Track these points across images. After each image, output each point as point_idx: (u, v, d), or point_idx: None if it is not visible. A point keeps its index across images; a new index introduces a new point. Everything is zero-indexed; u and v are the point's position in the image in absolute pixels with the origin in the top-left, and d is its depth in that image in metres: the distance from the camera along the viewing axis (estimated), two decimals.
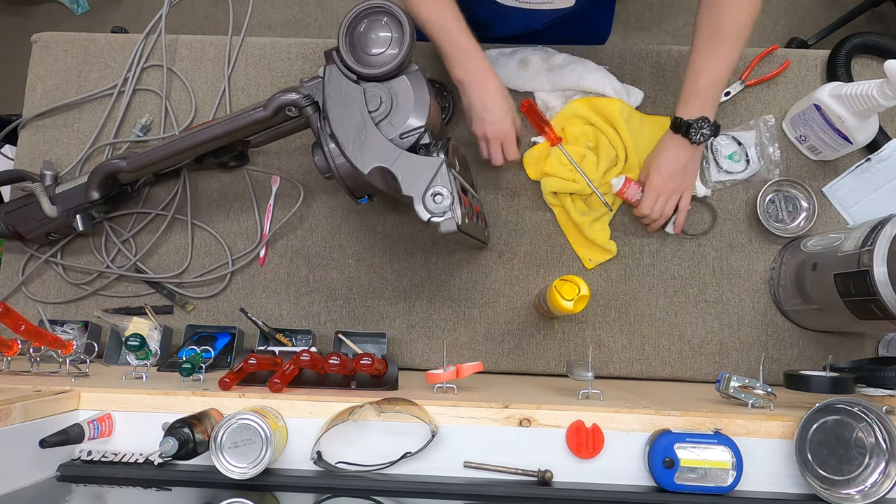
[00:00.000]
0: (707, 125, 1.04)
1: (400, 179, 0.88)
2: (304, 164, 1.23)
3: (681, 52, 1.24)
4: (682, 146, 1.07)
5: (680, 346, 1.17)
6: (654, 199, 1.11)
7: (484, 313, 1.19)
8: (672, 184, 1.10)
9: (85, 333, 1.15)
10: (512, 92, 1.22)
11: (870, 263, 0.89)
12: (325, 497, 0.77)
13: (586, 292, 1.00)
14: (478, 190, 1.20)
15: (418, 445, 0.79)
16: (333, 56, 0.95)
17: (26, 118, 1.26)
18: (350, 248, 1.21)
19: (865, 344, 1.16)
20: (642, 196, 1.13)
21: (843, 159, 1.18)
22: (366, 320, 1.19)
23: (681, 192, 1.12)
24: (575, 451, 0.79)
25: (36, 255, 1.21)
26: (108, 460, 0.79)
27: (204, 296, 1.20)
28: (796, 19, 2.30)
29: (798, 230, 1.16)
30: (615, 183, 1.14)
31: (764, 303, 1.17)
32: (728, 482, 0.76)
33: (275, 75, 1.27)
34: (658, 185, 1.10)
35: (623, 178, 1.13)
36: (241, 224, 1.22)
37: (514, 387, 1.01)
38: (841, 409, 0.79)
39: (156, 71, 1.28)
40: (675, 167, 1.09)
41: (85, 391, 0.84)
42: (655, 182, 1.10)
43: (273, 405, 0.82)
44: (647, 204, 1.12)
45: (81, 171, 1.24)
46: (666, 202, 1.12)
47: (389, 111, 0.93)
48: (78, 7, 2.42)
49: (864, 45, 1.22)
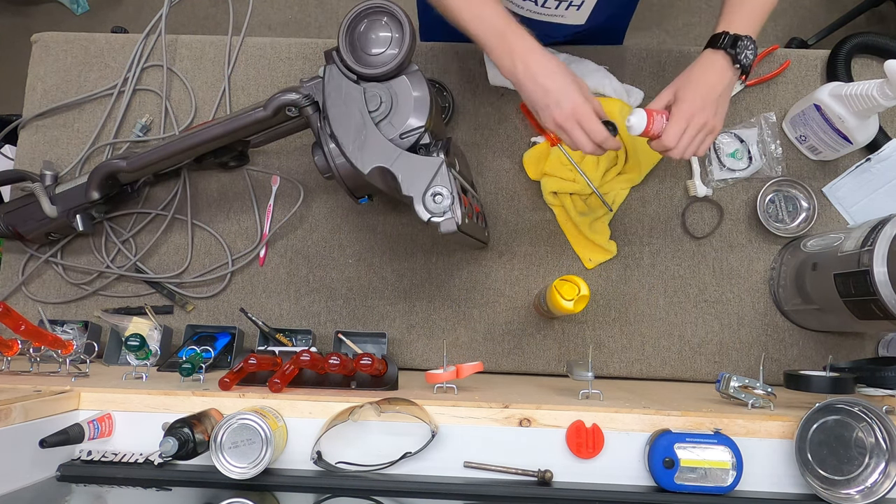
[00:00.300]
0: (752, 47, 0.91)
1: (400, 179, 0.88)
2: (304, 164, 1.23)
3: (681, 52, 1.24)
4: (722, 68, 0.92)
5: (680, 346, 1.17)
6: (682, 129, 0.93)
7: (484, 313, 1.19)
8: (703, 115, 0.93)
9: (85, 333, 1.15)
10: (512, 91, 1.23)
11: (870, 263, 0.89)
12: (325, 497, 0.77)
13: (586, 292, 1.00)
14: (478, 190, 1.20)
15: (418, 445, 0.79)
16: (333, 56, 0.95)
17: (26, 118, 1.26)
18: (350, 248, 1.21)
19: (865, 344, 1.16)
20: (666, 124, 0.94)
21: (843, 159, 1.18)
22: (366, 320, 1.19)
23: (709, 131, 0.95)
24: (575, 451, 0.79)
25: (36, 255, 1.21)
26: (108, 460, 0.79)
27: (204, 296, 1.20)
28: (796, 19, 2.30)
29: (798, 230, 1.16)
30: (635, 122, 0.94)
31: (764, 303, 1.17)
32: (728, 482, 0.76)
33: (275, 75, 1.27)
34: (688, 113, 0.92)
35: (643, 113, 0.94)
36: (241, 224, 1.22)
37: (514, 387, 1.01)
38: (841, 409, 0.79)
39: (156, 71, 1.28)
40: (710, 94, 0.93)
41: (85, 391, 0.84)
42: (686, 109, 0.92)
43: (273, 405, 0.82)
44: (672, 134, 0.93)
45: (81, 171, 1.24)
46: (693, 137, 0.94)
47: (389, 111, 0.93)
48: (78, 7, 2.42)
49: (864, 45, 1.22)
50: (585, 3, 1.07)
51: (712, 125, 0.94)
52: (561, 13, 1.09)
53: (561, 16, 1.10)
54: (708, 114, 0.93)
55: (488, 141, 1.23)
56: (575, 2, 1.06)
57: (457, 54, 1.25)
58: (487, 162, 1.22)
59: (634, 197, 1.20)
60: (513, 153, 1.22)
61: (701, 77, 0.94)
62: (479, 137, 1.23)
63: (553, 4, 1.07)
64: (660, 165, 1.20)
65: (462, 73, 1.24)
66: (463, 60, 1.25)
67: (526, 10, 1.09)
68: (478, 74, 1.23)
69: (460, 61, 1.25)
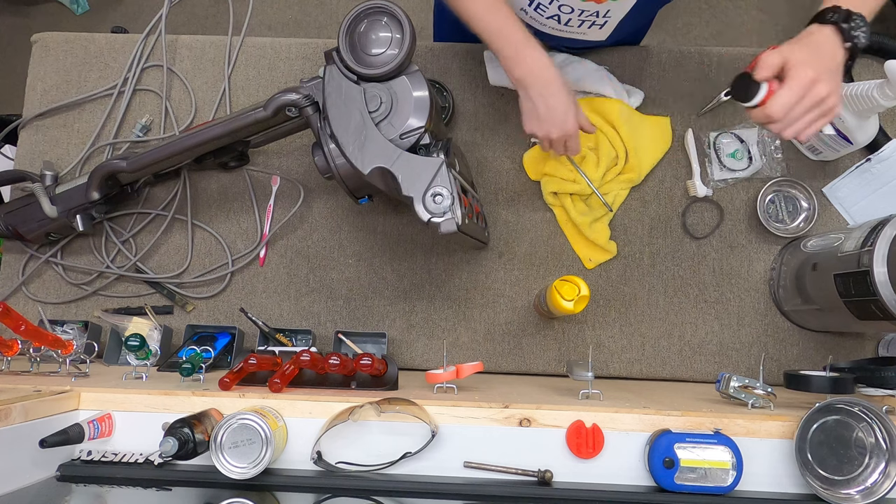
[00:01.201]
0: (865, 28, 0.79)
1: (400, 180, 0.88)
2: (304, 164, 1.23)
3: (681, 52, 1.24)
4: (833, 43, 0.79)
5: (680, 346, 1.17)
6: (797, 98, 0.79)
7: (484, 313, 1.19)
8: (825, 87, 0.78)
9: (85, 333, 1.15)
10: (512, 91, 1.22)
11: (870, 264, 0.89)
12: (325, 497, 0.77)
13: (586, 292, 1.00)
14: (478, 190, 1.20)
15: (418, 445, 0.79)
16: (333, 56, 0.94)
17: (26, 118, 1.26)
18: (350, 248, 1.21)
19: (865, 344, 1.16)
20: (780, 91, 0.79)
21: (843, 159, 1.18)
22: (366, 320, 1.19)
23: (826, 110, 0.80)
24: (575, 451, 0.79)
25: (36, 255, 1.21)
26: (108, 460, 0.79)
27: (204, 296, 1.20)
28: (796, 19, 2.30)
29: (798, 230, 1.16)
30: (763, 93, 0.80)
31: (764, 303, 1.17)
32: (728, 482, 0.76)
33: (275, 75, 1.27)
34: (807, 80, 0.78)
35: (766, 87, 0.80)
36: (241, 224, 1.22)
37: (514, 387, 1.01)
38: (841, 409, 0.79)
39: (156, 71, 1.28)
40: (831, 64, 0.79)
41: (85, 391, 0.84)
42: (805, 76, 0.78)
43: (273, 405, 0.82)
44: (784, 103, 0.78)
45: (81, 171, 1.24)
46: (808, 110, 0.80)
47: (389, 111, 0.93)
48: (78, 7, 2.42)
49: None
50: (608, 22, 1.06)
51: (832, 103, 0.79)
52: (583, 31, 1.08)
53: (583, 33, 1.09)
54: (831, 86, 0.78)
55: (488, 141, 1.23)
56: (598, 22, 1.05)
57: (457, 54, 1.25)
58: (487, 162, 1.22)
59: (634, 197, 1.20)
60: (513, 153, 1.22)
61: (817, 47, 0.79)
62: (479, 137, 1.23)
63: (576, 24, 1.06)
64: (660, 165, 1.20)
65: (462, 73, 1.24)
66: (463, 60, 1.25)
67: (549, 27, 1.08)
68: (478, 74, 1.23)
69: (460, 61, 1.25)
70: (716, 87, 1.22)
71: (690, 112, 1.22)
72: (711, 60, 1.23)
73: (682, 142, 1.21)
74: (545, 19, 1.07)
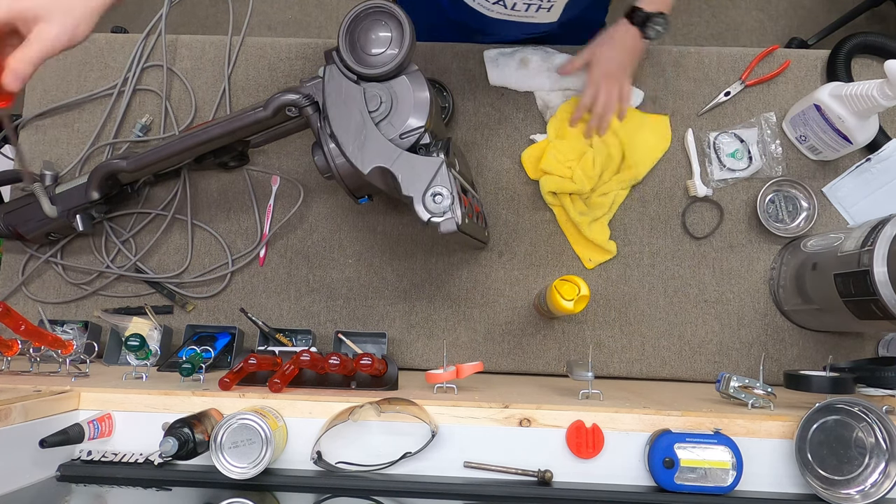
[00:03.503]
0: (663, 22, 1.04)
1: (400, 179, 0.88)
2: (304, 164, 1.23)
3: (681, 52, 1.23)
4: (633, 38, 1.07)
5: (680, 346, 1.17)
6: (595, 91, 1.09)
7: (484, 313, 1.19)
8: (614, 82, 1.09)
9: (85, 333, 1.15)
10: (512, 91, 1.23)
11: (870, 263, 0.89)
12: (325, 497, 0.77)
13: (586, 292, 1.00)
14: (478, 190, 1.20)
15: (418, 445, 0.79)
16: (333, 56, 0.94)
17: (26, 118, 1.26)
18: (350, 248, 1.21)
19: (865, 344, 1.16)
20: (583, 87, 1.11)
21: (843, 159, 1.18)
22: (366, 320, 1.19)
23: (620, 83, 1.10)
24: (575, 451, 0.79)
25: (36, 255, 1.21)
26: (108, 460, 0.79)
27: (204, 296, 1.20)
28: (796, 19, 2.30)
29: (798, 230, 1.16)
30: None
31: (764, 303, 1.17)
32: (728, 482, 0.76)
33: (275, 75, 1.27)
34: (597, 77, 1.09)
35: None
36: (241, 224, 1.22)
37: (514, 387, 1.01)
38: (841, 409, 0.79)
39: (156, 71, 1.28)
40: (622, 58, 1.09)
41: (85, 391, 0.84)
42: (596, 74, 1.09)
43: (273, 405, 0.82)
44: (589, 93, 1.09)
45: (81, 171, 1.24)
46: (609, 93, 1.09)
47: (389, 111, 0.93)
48: None
49: (864, 45, 1.22)
50: (555, 5, 1.07)
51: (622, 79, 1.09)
52: (531, 14, 1.09)
53: (531, 17, 1.10)
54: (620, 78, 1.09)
55: (488, 141, 1.23)
56: (544, 5, 1.07)
57: (457, 54, 1.25)
58: (487, 162, 1.22)
59: (634, 197, 1.20)
60: (513, 153, 1.22)
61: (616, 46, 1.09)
62: (479, 137, 1.23)
63: (522, 7, 1.07)
64: (659, 165, 1.20)
65: (462, 73, 1.24)
66: (463, 60, 1.25)
67: (496, 12, 1.09)
68: (478, 74, 1.23)
69: (460, 61, 1.25)
70: (716, 87, 1.22)
71: (690, 112, 1.22)
72: (711, 60, 1.23)
73: (681, 141, 1.21)
74: (491, 5, 1.08)
